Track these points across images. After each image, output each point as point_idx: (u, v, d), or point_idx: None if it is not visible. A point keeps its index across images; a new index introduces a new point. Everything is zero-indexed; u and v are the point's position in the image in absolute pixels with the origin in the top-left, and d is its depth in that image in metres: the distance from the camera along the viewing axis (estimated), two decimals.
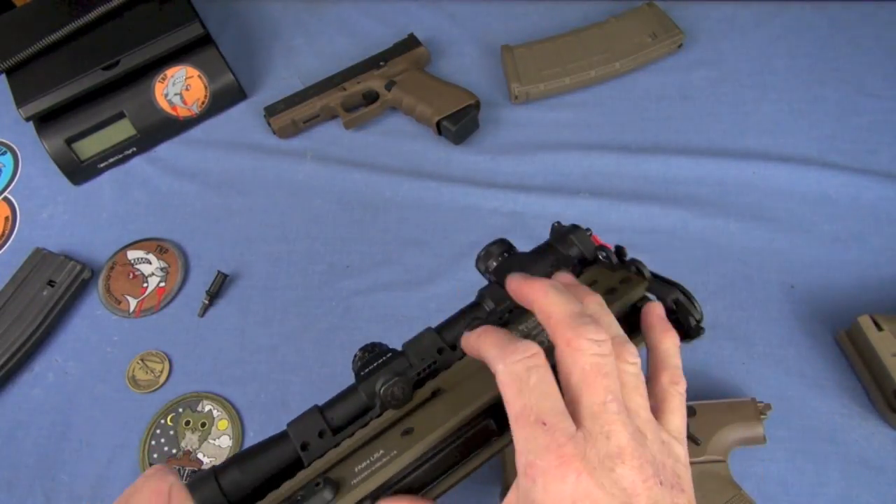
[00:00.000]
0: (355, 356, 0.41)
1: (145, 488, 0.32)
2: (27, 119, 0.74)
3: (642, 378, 0.31)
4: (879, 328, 0.55)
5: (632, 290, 0.35)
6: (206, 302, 0.68)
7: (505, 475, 0.53)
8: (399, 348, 0.39)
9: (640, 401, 0.30)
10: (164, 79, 0.79)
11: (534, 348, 0.30)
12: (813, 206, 0.67)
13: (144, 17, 0.78)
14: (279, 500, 0.34)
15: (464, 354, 0.36)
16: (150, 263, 0.72)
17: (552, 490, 0.27)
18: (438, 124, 0.75)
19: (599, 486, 0.27)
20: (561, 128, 0.76)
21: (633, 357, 0.31)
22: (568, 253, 0.40)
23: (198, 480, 0.35)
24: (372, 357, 0.39)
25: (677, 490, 0.29)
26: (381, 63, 0.79)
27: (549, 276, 0.37)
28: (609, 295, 0.35)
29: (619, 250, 0.38)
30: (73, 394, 0.65)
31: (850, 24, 0.80)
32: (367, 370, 0.38)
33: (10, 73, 0.76)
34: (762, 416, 0.53)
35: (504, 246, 0.42)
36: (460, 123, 0.73)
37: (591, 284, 0.37)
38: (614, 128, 0.75)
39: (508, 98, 0.78)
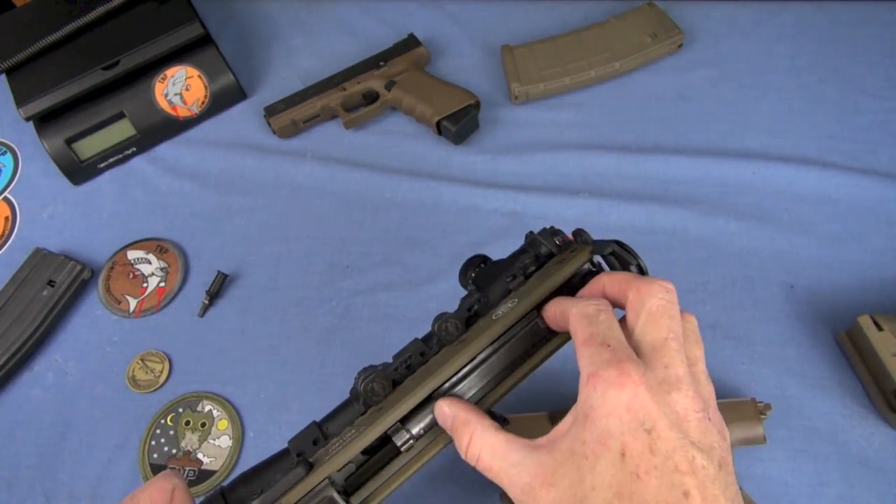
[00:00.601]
0: (355, 378, 0.42)
1: (151, 487, 0.35)
2: (27, 119, 0.74)
3: (701, 337, 0.33)
4: (879, 328, 0.55)
5: (579, 255, 0.39)
6: (206, 302, 0.68)
7: None
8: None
9: (698, 353, 0.33)
10: (164, 79, 0.79)
11: (605, 301, 0.33)
12: (813, 206, 0.67)
13: (144, 17, 0.78)
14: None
15: (439, 350, 0.38)
16: (150, 263, 0.72)
17: (610, 396, 0.29)
18: (438, 124, 0.75)
19: (655, 402, 0.29)
20: (561, 128, 0.76)
21: (694, 318, 0.34)
22: (539, 252, 0.42)
23: (207, 500, 0.38)
24: (366, 373, 0.41)
25: (721, 437, 0.30)
26: (381, 63, 0.79)
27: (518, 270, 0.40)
28: (559, 265, 0.39)
29: (575, 233, 0.42)
30: (73, 394, 0.65)
31: (851, 24, 0.80)
32: (359, 382, 0.40)
33: (10, 73, 0.76)
34: (762, 416, 0.53)
35: (480, 259, 0.46)
36: (460, 123, 0.73)
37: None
38: (614, 128, 0.75)
39: (508, 98, 0.78)
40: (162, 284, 0.70)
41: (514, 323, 0.37)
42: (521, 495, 0.31)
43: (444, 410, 0.35)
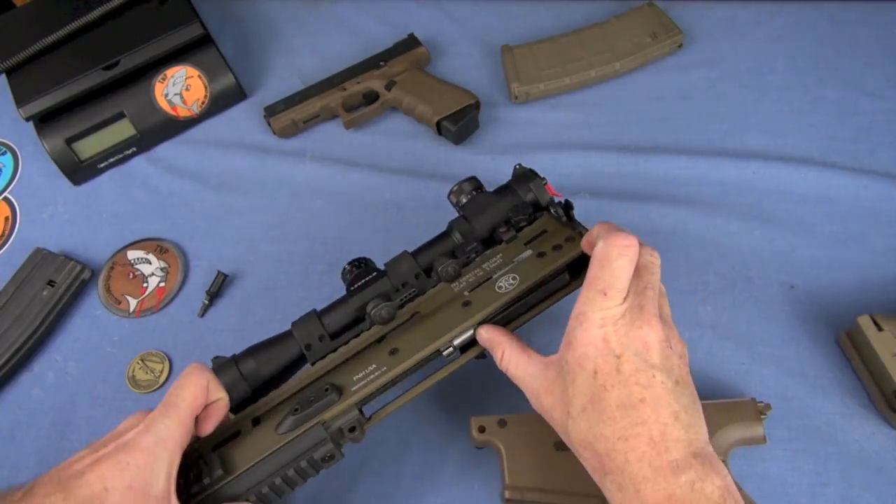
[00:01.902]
0: (344, 269, 0.50)
1: (189, 383, 0.42)
2: (27, 119, 0.74)
3: (666, 293, 0.44)
4: (879, 328, 0.55)
5: (574, 248, 0.47)
6: (206, 302, 0.68)
7: (503, 473, 0.53)
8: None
9: (664, 302, 0.43)
10: (164, 79, 0.79)
11: (633, 240, 0.40)
12: (813, 206, 0.67)
13: (144, 17, 0.78)
14: (293, 391, 0.44)
15: (437, 282, 0.48)
16: (150, 263, 0.72)
17: (590, 331, 0.39)
18: (438, 124, 0.75)
19: (625, 336, 0.39)
20: (561, 128, 0.76)
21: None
22: (525, 199, 0.49)
23: (221, 366, 0.44)
24: (360, 273, 0.49)
25: (682, 361, 0.40)
26: (381, 63, 0.79)
27: (504, 216, 0.50)
28: (556, 251, 0.47)
29: (567, 204, 0.49)
30: (73, 394, 0.65)
31: (850, 24, 0.80)
32: (356, 286, 0.48)
33: (10, 73, 0.76)
34: (762, 416, 0.53)
35: (475, 183, 0.52)
36: (460, 123, 0.73)
37: (542, 234, 0.49)
38: (614, 128, 0.75)
39: (508, 98, 0.78)
40: (162, 284, 0.70)
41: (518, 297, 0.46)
42: (532, 397, 0.44)
43: (482, 334, 0.46)
